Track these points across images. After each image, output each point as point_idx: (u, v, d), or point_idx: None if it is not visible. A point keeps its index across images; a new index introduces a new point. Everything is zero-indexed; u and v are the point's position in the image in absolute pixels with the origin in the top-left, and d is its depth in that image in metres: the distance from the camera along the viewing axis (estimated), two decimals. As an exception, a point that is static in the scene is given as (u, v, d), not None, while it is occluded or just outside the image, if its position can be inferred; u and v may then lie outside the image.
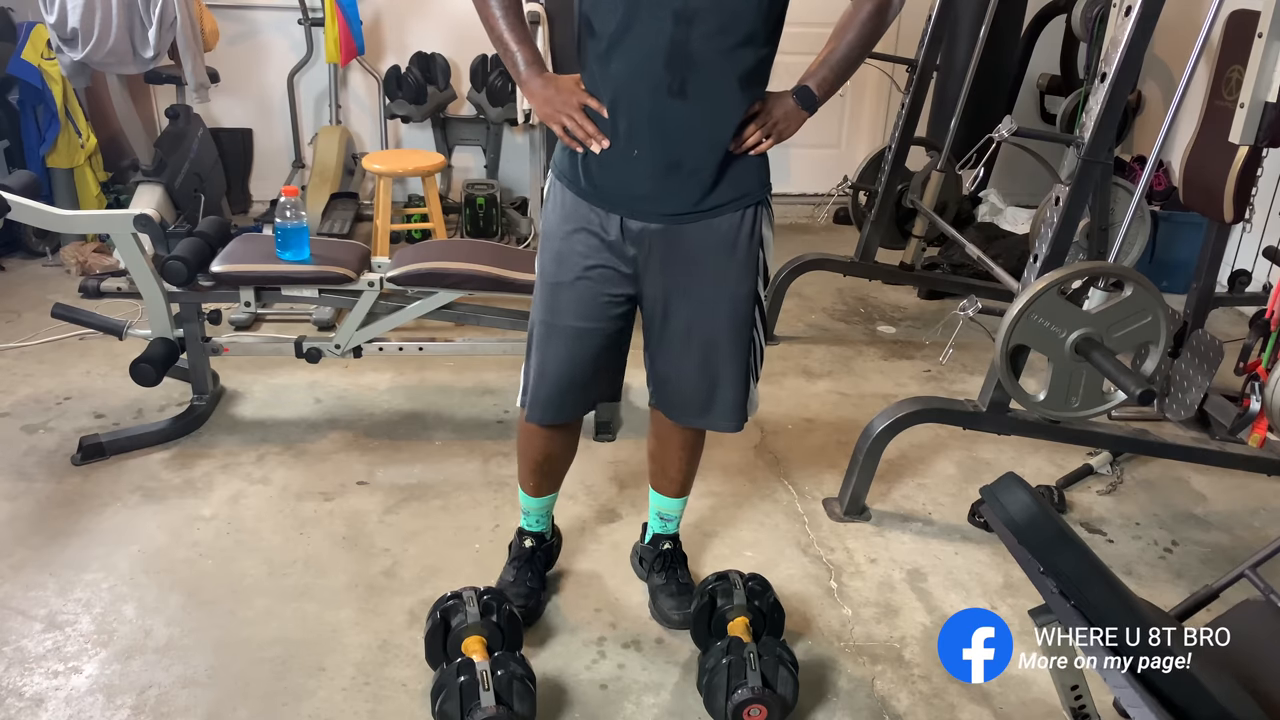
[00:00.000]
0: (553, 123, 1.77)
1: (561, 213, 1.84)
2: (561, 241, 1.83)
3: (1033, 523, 1.25)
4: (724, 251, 1.80)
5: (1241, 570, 1.70)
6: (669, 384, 1.94)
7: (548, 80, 1.79)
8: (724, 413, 1.93)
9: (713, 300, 1.84)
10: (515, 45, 1.79)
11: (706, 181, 1.75)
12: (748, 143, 1.75)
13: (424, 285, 2.73)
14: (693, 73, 1.65)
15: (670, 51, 1.64)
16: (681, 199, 1.76)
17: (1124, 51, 2.14)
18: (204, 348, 2.85)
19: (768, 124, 1.76)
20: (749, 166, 1.78)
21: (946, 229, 3.51)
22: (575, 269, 1.83)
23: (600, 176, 1.77)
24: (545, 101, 1.78)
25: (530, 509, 2.18)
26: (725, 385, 1.90)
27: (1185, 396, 2.85)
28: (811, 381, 3.34)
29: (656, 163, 1.73)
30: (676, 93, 1.66)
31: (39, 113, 4.01)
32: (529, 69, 1.80)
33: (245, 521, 2.45)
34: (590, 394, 1.97)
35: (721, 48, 1.65)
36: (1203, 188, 2.92)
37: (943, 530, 2.54)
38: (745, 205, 1.80)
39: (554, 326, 1.88)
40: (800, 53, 5.55)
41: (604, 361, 1.93)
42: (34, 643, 2.04)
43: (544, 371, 1.91)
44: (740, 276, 1.83)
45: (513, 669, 1.78)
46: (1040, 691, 2.00)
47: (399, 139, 4.89)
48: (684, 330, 1.86)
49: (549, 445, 2.06)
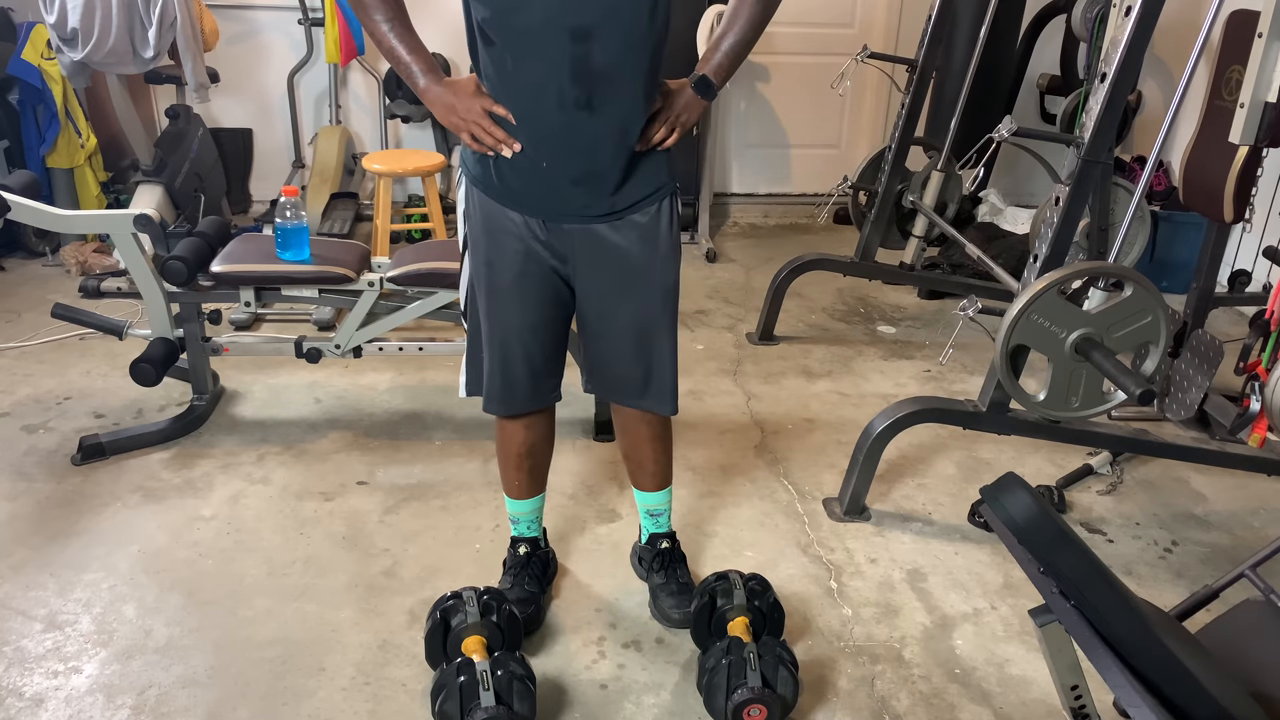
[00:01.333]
0: (459, 131, 1.78)
1: (482, 217, 1.85)
2: (489, 247, 1.86)
3: (1033, 523, 1.25)
4: (648, 246, 1.85)
5: (1241, 570, 1.70)
6: (605, 369, 2.00)
7: (447, 87, 1.78)
8: (660, 394, 1.98)
9: (642, 292, 1.88)
10: (408, 55, 1.78)
11: (618, 183, 1.78)
12: (656, 139, 1.78)
13: (424, 285, 2.73)
14: (599, 84, 1.67)
15: (574, 67, 1.65)
16: (597, 202, 1.80)
17: (1124, 51, 2.14)
18: (204, 348, 2.85)
19: (671, 118, 1.79)
20: (657, 160, 1.82)
21: (946, 229, 3.51)
22: (511, 271, 1.86)
23: (513, 181, 1.79)
24: (449, 110, 1.77)
25: (519, 515, 2.18)
26: (659, 369, 1.96)
27: (1185, 396, 2.85)
28: (811, 381, 3.34)
29: (568, 173, 1.75)
30: (584, 105, 1.68)
31: (39, 113, 4.01)
32: (426, 78, 1.78)
33: (245, 521, 2.45)
34: (546, 385, 2.01)
35: (623, 57, 1.67)
36: (1203, 188, 2.92)
37: (943, 530, 2.54)
38: (660, 198, 1.84)
39: (506, 324, 1.91)
40: (799, 52, 5.56)
41: (558, 352, 1.99)
42: (34, 643, 2.04)
43: (505, 366, 1.95)
44: (665, 267, 1.89)
45: (513, 669, 1.78)
46: (1040, 691, 2.00)
47: (399, 139, 4.89)
48: (619, 324, 1.91)
49: (531, 434, 2.08)
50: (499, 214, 1.83)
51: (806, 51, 4.88)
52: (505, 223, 1.83)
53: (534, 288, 1.87)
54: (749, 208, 5.17)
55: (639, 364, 1.95)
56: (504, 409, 2.02)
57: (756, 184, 5.17)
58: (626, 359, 1.95)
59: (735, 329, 3.74)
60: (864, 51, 3.78)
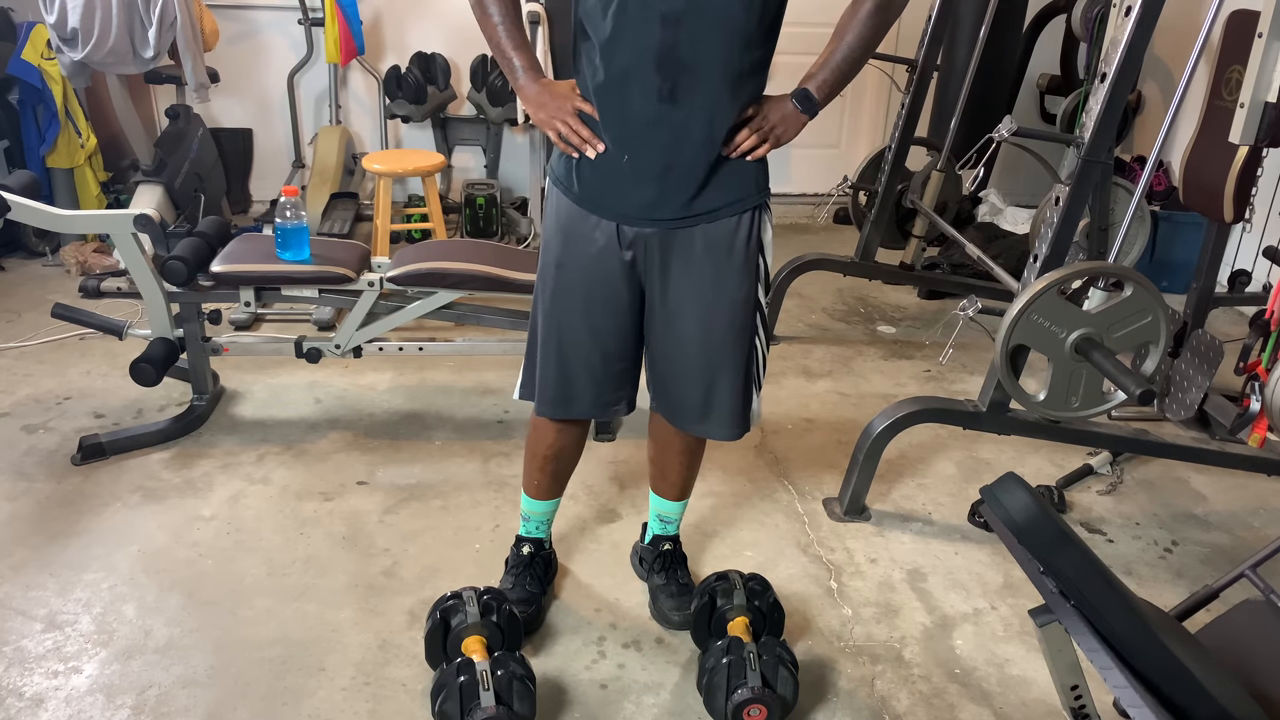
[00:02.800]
0: (548, 128, 1.78)
1: (559, 219, 1.84)
2: (561, 249, 1.84)
3: (1033, 523, 1.25)
4: (721, 256, 1.79)
5: (1241, 570, 1.70)
6: (667, 388, 1.94)
7: (543, 86, 1.79)
8: (722, 420, 1.91)
9: (711, 305, 1.82)
10: (512, 51, 1.80)
11: (700, 185, 1.74)
12: (742, 147, 1.74)
13: (424, 285, 2.73)
14: (683, 76, 1.65)
15: (660, 55, 1.63)
16: (674, 204, 1.75)
17: (1124, 51, 2.14)
18: (204, 348, 2.85)
19: (764, 128, 1.75)
20: (745, 170, 1.77)
21: (946, 229, 3.51)
22: (579, 276, 1.83)
23: (594, 182, 1.77)
24: (540, 107, 1.78)
25: (531, 514, 2.17)
26: (723, 392, 1.89)
27: (1185, 396, 2.85)
28: (811, 381, 3.34)
29: (648, 168, 1.72)
30: (667, 97, 1.66)
31: (39, 113, 4.01)
32: (526, 75, 1.80)
33: (245, 521, 2.45)
34: (607, 396, 1.95)
35: (712, 50, 1.64)
36: (1203, 188, 2.92)
37: (943, 530, 2.54)
38: (742, 210, 1.78)
39: (568, 328, 1.87)
40: (800, 52, 5.57)
41: (622, 363, 1.93)
42: (34, 643, 2.04)
43: (562, 370, 1.91)
44: (738, 282, 1.82)
45: (513, 669, 1.78)
46: (1040, 691, 2.00)
47: (399, 139, 4.89)
48: (682, 334, 1.86)
49: (561, 438, 2.04)
50: (577, 217, 1.81)
51: (806, 51, 4.86)
52: (582, 226, 1.80)
53: (601, 293, 1.83)
54: (749, 208, 5.16)
55: (699, 384, 1.89)
56: (557, 412, 1.96)
57: (756, 184, 5.16)
58: (688, 376, 1.89)
59: (735, 329, 3.73)
60: (864, 51, 3.78)
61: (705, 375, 1.88)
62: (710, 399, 1.90)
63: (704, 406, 1.91)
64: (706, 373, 1.88)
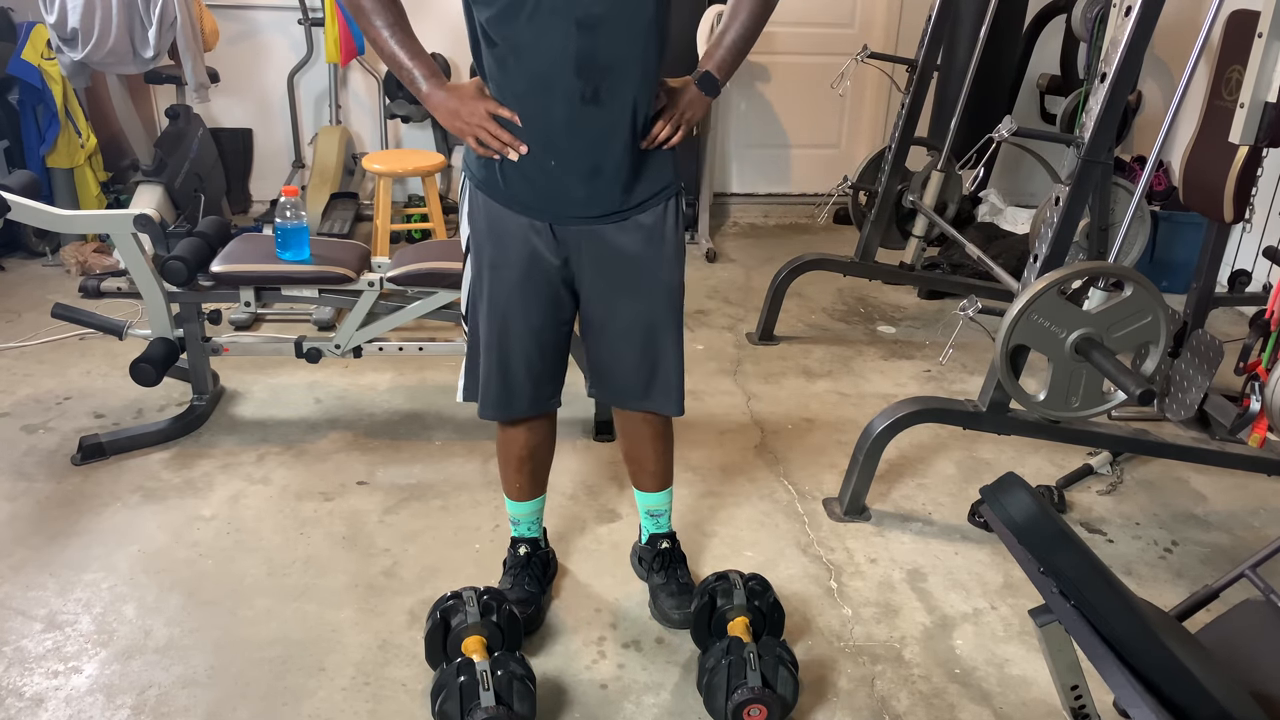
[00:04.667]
0: (465, 135, 1.77)
1: (486, 221, 1.84)
2: (494, 251, 1.85)
3: (1033, 523, 1.25)
4: (654, 246, 1.84)
5: (1241, 570, 1.70)
6: (609, 373, 1.98)
7: (450, 92, 1.77)
8: (665, 395, 1.97)
9: (648, 292, 1.87)
10: (409, 61, 1.77)
11: (626, 181, 1.77)
12: (661, 136, 1.77)
13: (424, 285, 2.73)
14: (606, 78, 1.66)
15: (580, 60, 1.64)
16: (604, 201, 1.78)
17: (1124, 51, 2.14)
18: (204, 348, 2.85)
19: (676, 115, 1.78)
20: (663, 159, 1.82)
21: (946, 229, 3.51)
22: (515, 275, 1.84)
23: (521, 184, 1.78)
24: (452, 114, 1.76)
25: (519, 516, 2.18)
26: (665, 369, 1.95)
27: (1185, 396, 2.85)
28: (811, 381, 3.34)
29: (577, 170, 1.74)
30: (590, 99, 1.67)
31: (39, 113, 4.01)
32: (429, 83, 1.77)
33: (245, 521, 2.45)
34: (546, 390, 1.99)
35: (630, 50, 1.66)
36: (1203, 188, 2.92)
37: (943, 530, 2.54)
38: (666, 198, 1.83)
39: (506, 329, 1.89)
40: (799, 52, 5.56)
41: (559, 358, 1.98)
42: (34, 643, 2.04)
43: (504, 371, 1.93)
44: (671, 267, 1.88)
45: (513, 669, 1.78)
46: (1040, 691, 2.00)
47: (399, 139, 4.89)
48: (625, 325, 1.90)
49: (530, 439, 2.06)
50: (504, 217, 1.82)
51: (806, 51, 4.88)
52: (510, 226, 1.82)
53: (538, 292, 1.86)
54: (749, 208, 5.17)
55: (644, 365, 1.94)
56: (501, 414, 2.01)
57: (756, 184, 5.17)
58: (631, 361, 1.94)
59: (735, 329, 3.73)
60: (864, 51, 3.78)
61: (649, 359, 1.93)
62: (654, 375, 1.95)
63: (646, 385, 1.96)
64: (650, 357, 1.93)
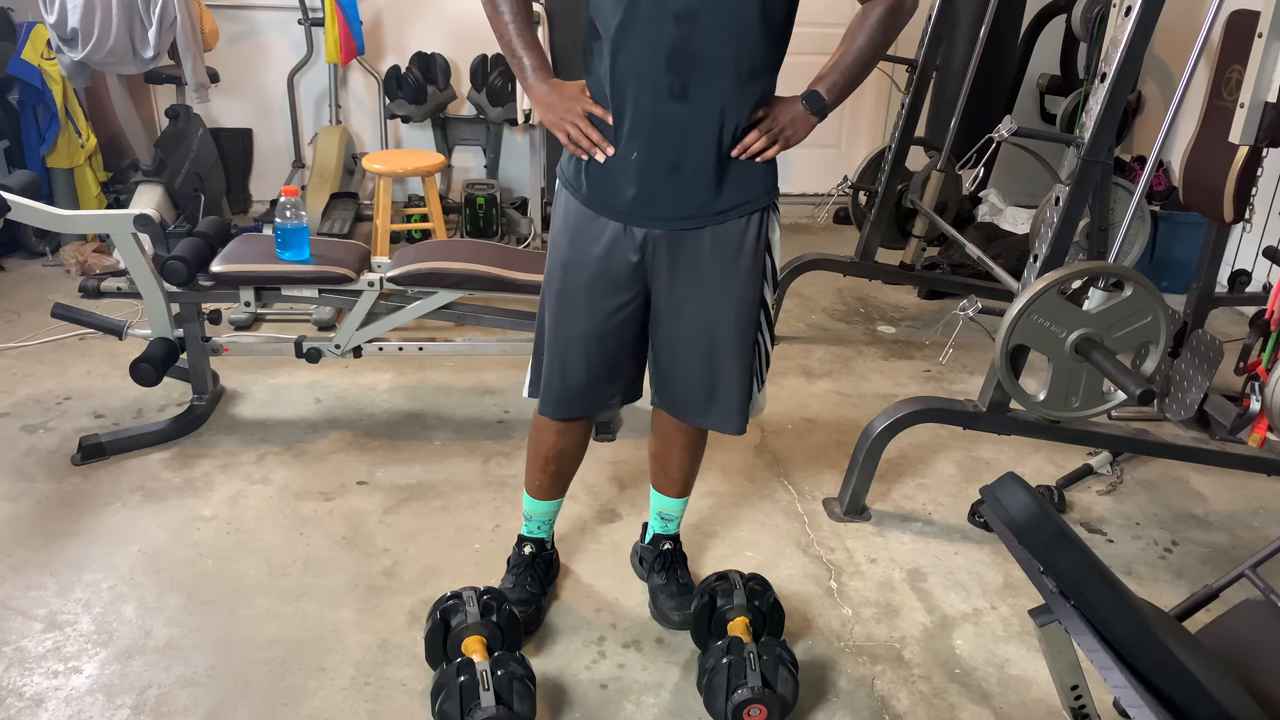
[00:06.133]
0: (557, 130, 1.77)
1: (567, 220, 1.84)
2: (569, 250, 1.84)
3: (1033, 523, 1.25)
4: (730, 257, 1.80)
5: (1241, 570, 1.70)
6: (671, 383, 1.94)
7: (553, 87, 1.79)
8: (725, 413, 1.92)
9: (718, 304, 1.83)
10: (523, 51, 1.80)
11: (708, 186, 1.74)
12: (752, 149, 1.73)
13: (424, 285, 2.73)
14: (694, 74, 1.65)
15: (671, 52, 1.63)
16: (683, 204, 1.75)
17: (1124, 51, 2.14)
18: (204, 348, 2.85)
19: (774, 129, 1.74)
20: (754, 171, 1.77)
21: (946, 229, 3.51)
22: (584, 276, 1.83)
23: (603, 184, 1.77)
24: (549, 108, 1.78)
25: (533, 514, 2.17)
26: (727, 387, 1.90)
27: (1185, 396, 2.85)
28: (811, 381, 3.34)
29: (656, 165, 1.72)
30: (678, 94, 1.66)
31: (39, 113, 4.01)
32: (536, 74, 1.80)
33: (245, 521, 2.45)
34: (604, 392, 1.96)
35: (723, 48, 1.64)
36: (1203, 188, 2.92)
37: (943, 530, 2.54)
38: (751, 211, 1.79)
39: (569, 328, 1.88)
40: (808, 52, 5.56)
41: (621, 361, 1.93)
42: (34, 643, 2.04)
43: (564, 370, 1.91)
44: (746, 281, 1.83)
45: (513, 669, 1.78)
46: (1040, 691, 2.00)
47: (399, 139, 4.89)
48: (689, 332, 1.86)
49: (562, 440, 2.05)
50: (585, 218, 1.81)
51: (806, 51, 4.85)
52: (590, 227, 1.80)
53: (605, 293, 1.83)
54: (749, 208, 5.16)
55: (704, 379, 1.89)
56: (558, 412, 1.98)
57: (756, 184, 5.16)
58: (692, 372, 1.90)
59: (735, 329, 3.73)
60: (864, 51, 3.78)
61: (711, 372, 1.89)
62: (714, 394, 1.91)
63: (708, 401, 1.92)
64: (712, 370, 1.88)
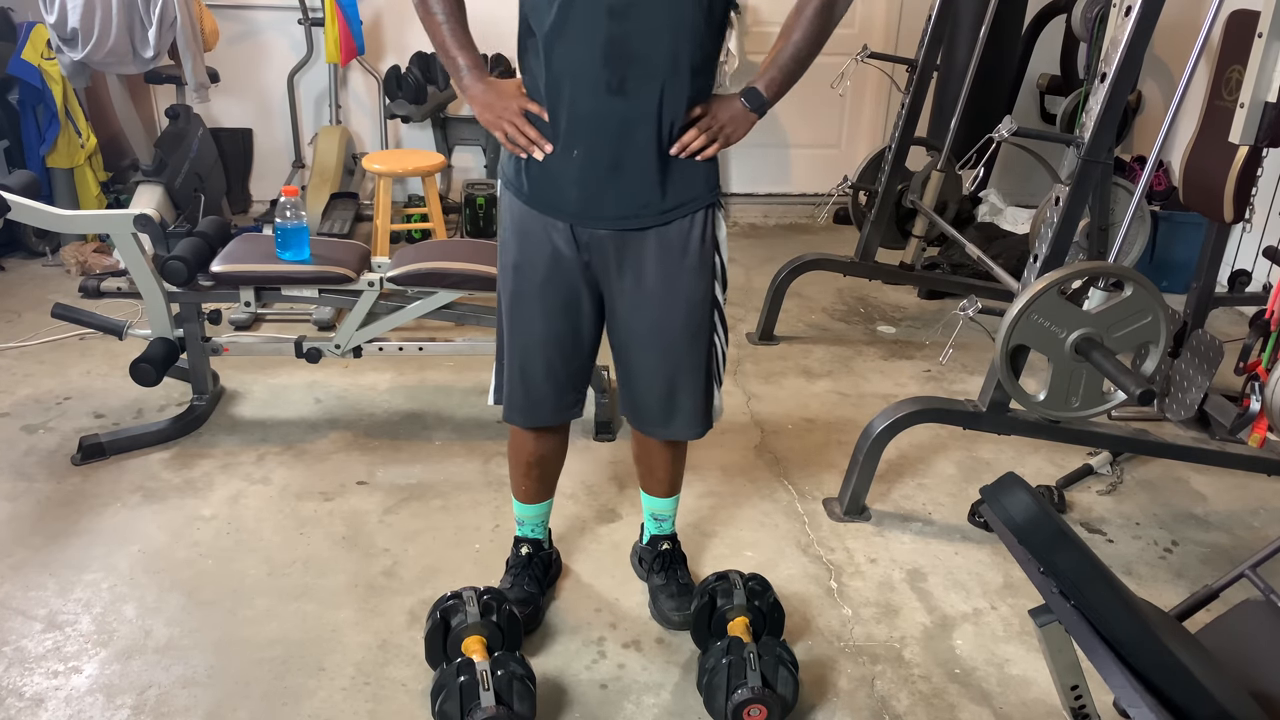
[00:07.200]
0: (494, 129, 1.77)
1: (513, 222, 1.83)
2: (518, 251, 1.83)
3: (1033, 523, 1.25)
4: (676, 258, 1.79)
5: (1241, 570, 1.70)
6: (632, 389, 1.94)
7: (489, 86, 1.78)
8: (686, 421, 1.93)
9: (668, 308, 1.82)
10: (457, 50, 1.78)
11: (651, 184, 1.73)
12: (691, 147, 1.73)
13: (424, 285, 2.73)
14: (631, 69, 1.64)
15: (608, 48, 1.62)
16: (627, 203, 1.74)
17: (1124, 51, 2.14)
18: (204, 348, 2.85)
19: (713, 127, 1.74)
20: (695, 170, 1.76)
21: (946, 229, 3.51)
22: (536, 279, 1.82)
23: (544, 183, 1.76)
24: (486, 107, 1.77)
25: (525, 517, 2.17)
26: (685, 393, 1.90)
27: (1185, 396, 2.85)
28: (811, 381, 3.34)
29: (597, 163, 1.71)
30: (615, 90, 1.65)
31: (39, 113, 4.01)
32: (471, 74, 1.79)
33: (245, 521, 2.45)
34: (569, 399, 1.96)
35: (661, 43, 1.63)
36: (1203, 188, 2.92)
37: (943, 530, 2.54)
38: (695, 209, 1.78)
39: (527, 333, 1.87)
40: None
41: (582, 366, 1.94)
42: (34, 643, 2.04)
43: (525, 377, 1.91)
44: (694, 282, 1.82)
45: (513, 669, 1.78)
46: (1040, 691, 2.00)
47: (399, 139, 4.89)
48: (641, 336, 1.86)
49: (541, 445, 2.05)
50: (530, 218, 1.80)
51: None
52: (534, 227, 1.80)
53: (559, 296, 1.83)
54: (749, 208, 5.17)
55: (660, 386, 1.89)
56: (524, 420, 1.98)
57: (756, 184, 5.17)
58: (649, 378, 1.89)
59: (735, 329, 3.73)
60: (864, 51, 3.78)
61: (666, 377, 1.88)
62: (672, 401, 1.91)
63: (666, 409, 1.92)
64: (667, 375, 1.88)
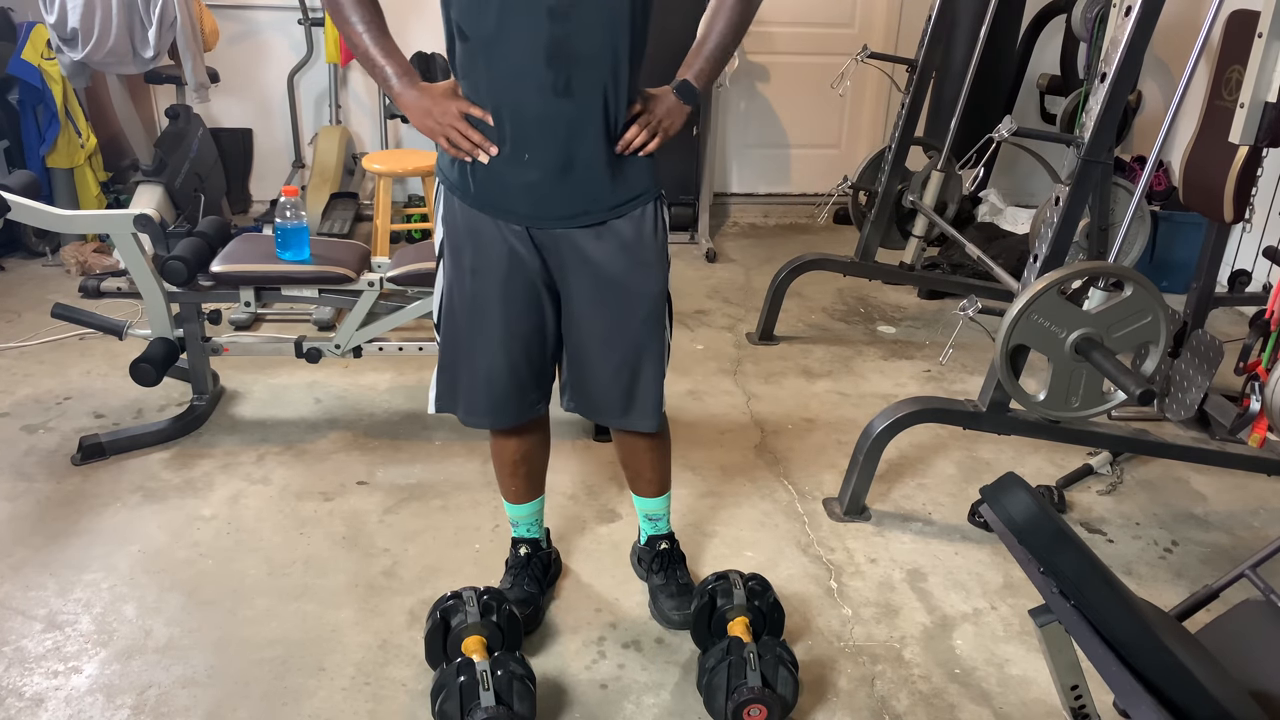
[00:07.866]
0: (435, 136, 1.74)
1: (462, 225, 1.80)
2: (474, 255, 1.80)
3: (1033, 523, 1.25)
4: (632, 252, 1.79)
5: (1241, 570, 1.70)
6: (586, 386, 1.93)
7: (423, 91, 1.74)
8: (643, 412, 1.93)
9: (623, 303, 1.82)
10: (383, 59, 1.75)
11: (601, 180, 1.74)
12: (635, 143, 1.74)
13: (424, 285, 2.73)
14: (575, 69, 1.64)
15: (551, 49, 1.62)
16: (578, 201, 1.74)
17: (1124, 51, 2.14)
18: (204, 348, 2.85)
19: (652, 122, 1.75)
20: (640, 164, 1.78)
21: (946, 229, 3.51)
22: (496, 280, 1.80)
23: (492, 186, 1.75)
24: (424, 114, 1.73)
25: (518, 517, 2.17)
26: (644, 385, 1.90)
27: (1185, 396, 2.85)
28: (811, 381, 3.34)
29: (549, 164, 1.71)
30: (562, 91, 1.65)
31: (39, 113, 4.01)
32: (401, 81, 1.75)
33: (245, 521, 2.45)
34: (531, 397, 1.95)
35: (602, 40, 1.64)
36: (1203, 188, 2.92)
37: (943, 530, 2.54)
38: (643, 204, 1.79)
39: (487, 334, 1.86)
40: (799, 52, 5.54)
41: (545, 364, 1.93)
42: (34, 643, 2.04)
43: (489, 378, 1.89)
44: (648, 275, 1.83)
45: (513, 669, 1.78)
46: (1040, 691, 2.00)
47: (399, 139, 4.89)
48: (599, 333, 1.85)
49: (523, 444, 2.05)
50: (480, 220, 1.78)
51: (806, 51, 4.88)
52: (487, 229, 1.78)
53: (520, 296, 1.82)
54: (749, 208, 5.17)
55: (619, 379, 1.89)
56: (489, 422, 1.98)
57: (756, 184, 5.17)
58: (605, 375, 1.89)
59: (735, 329, 3.74)
60: (864, 51, 3.78)
61: (628, 370, 1.88)
62: (633, 393, 1.91)
63: (626, 401, 1.92)
64: (629, 368, 1.88)
